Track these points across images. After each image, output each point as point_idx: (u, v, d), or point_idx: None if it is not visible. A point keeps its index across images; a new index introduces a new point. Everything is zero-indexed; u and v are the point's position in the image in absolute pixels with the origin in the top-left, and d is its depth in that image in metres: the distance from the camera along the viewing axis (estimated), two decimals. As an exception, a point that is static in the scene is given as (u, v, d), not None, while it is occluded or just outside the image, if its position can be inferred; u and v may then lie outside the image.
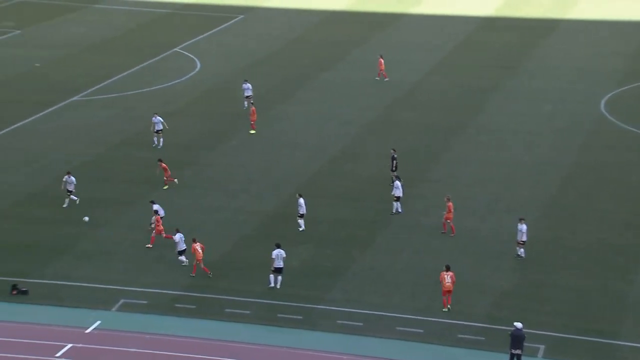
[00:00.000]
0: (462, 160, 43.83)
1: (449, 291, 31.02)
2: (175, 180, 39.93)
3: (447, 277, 31.01)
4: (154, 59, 59.56)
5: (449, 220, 36.18)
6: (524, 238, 33.94)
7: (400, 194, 37.73)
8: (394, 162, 40.36)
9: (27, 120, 47.99)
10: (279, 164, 43.39)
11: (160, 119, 44.61)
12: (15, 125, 47.26)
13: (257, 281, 32.88)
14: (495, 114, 50.29)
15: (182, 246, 33.71)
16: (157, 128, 44.28)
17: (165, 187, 39.53)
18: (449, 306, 31.03)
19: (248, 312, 31.03)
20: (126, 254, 34.73)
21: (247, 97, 49.62)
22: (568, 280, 33.02)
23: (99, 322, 30.21)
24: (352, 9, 73.84)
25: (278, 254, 32.23)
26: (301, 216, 36.42)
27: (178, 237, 33.70)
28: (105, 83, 54.63)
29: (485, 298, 31.86)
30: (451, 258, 34.44)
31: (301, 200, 36.40)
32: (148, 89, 53.58)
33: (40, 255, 34.38)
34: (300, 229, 36.33)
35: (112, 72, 56.56)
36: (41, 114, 49.11)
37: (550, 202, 39.17)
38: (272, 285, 32.24)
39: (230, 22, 69.55)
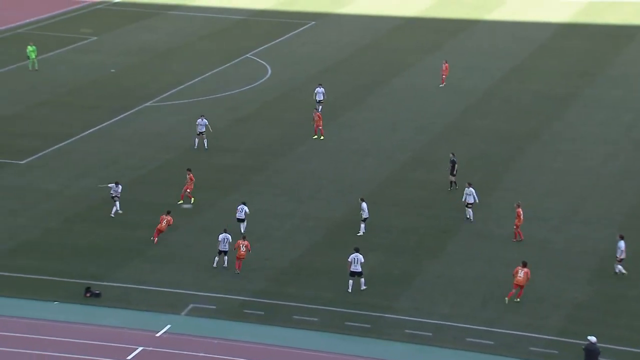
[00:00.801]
0: (537, 169, 43.14)
1: (519, 285, 31.16)
2: (192, 200, 38.63)
3: (521, 272, 31.33)
4: (225, 65, 60.43)
5: (516, 227, 35.78)
6: (623, 255, 33.04)
7: (472, 201, 37.30)
8: (454, 166, 40.20)
9: (102, 125, 49.21)
10: (348, 170, 43.47)
11: (206, 121, 45.36)
12: (91, 130, 48.54)
13: (326, 288, 32.98)
14: (573, 122, 49.37)
15: (224, 247, 33.80)
16: (199, 130, 44.97)
17: (180, 202, 38.71)
18: (515, 299, 31.12)
19: (316, 319, 31.14)
20: (196, 259, 35.26)
21: (319, 101, 49.87)
22: (647, 295, 32.14)
23: (169, 326, 30.73)
24: (425, 16, 73.54)
25: (355, 257, 32.40)
26: (364, 220, 36.55)
27: (221, 237, 33.89)
28: (178, 89, 55.66)
29: (559, 310, 31.27)
30: (524, 269, 33.93)
31: (364, 205, 36.59)
32: (219, 95, 54.38)
33: (113, 259, 35.19)
34: (359, 234, 36.43)
35: (184, 78, 57.60)
36: (116, 119, 50.26)
37: (630, 213, 38.20)
38: (350, 289, 32.44)
39: (302, 28, 70.08)
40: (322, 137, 46.86)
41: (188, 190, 39.06)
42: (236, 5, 77.03)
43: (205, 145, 45.21)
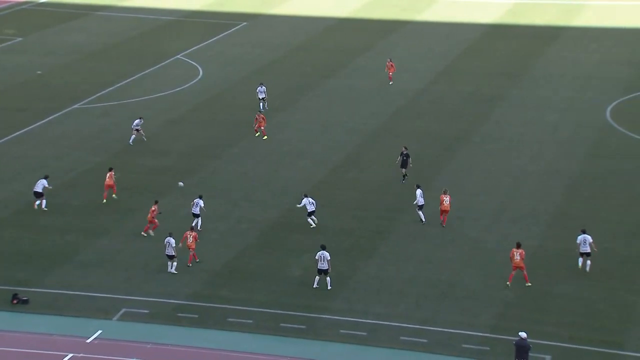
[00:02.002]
0: (467, 170, 43.87)
1: (519, 267, 32.67)
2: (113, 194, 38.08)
3: (517, 255, 32.55)
4: (156, 67, 59.74)
5: (445, 213, 37.22)
6: (588, 249, 33.73)
7: (423, 202, 37.75)
8: (403, 158, 41.18)
9: (29, 128, 48.08)
10: (281, 172, 43.47)
11: (139, 121, 45.58)
12: (17, 133, 47.39)
13: (260, 290, 32.91)
14: (500, 122, 50.34)
15: (170, 251, 33.62)
16: (134, 127, 45.21)
17: (104, 201, 38.80)
18: (526, 285, 32.48)
19: (251, 321, 31.05)
20: (128, 263, 34.77)
21: (262, 99, 50.31)
22: (574, 290, 33.00)
23: (100, 332, 30.23)
24: (356, 16, 74.04)
25: (321, 255, 32.64)
26: (310, 214, 37.14)
27: (166, 240, 33.70)
28: (107, 90, 54.77)
29: (490, 308, 31.86)
30: (455, 268, 34.51)
31: (306, 200, 37.22)
32: (150, 97, 53.70)
33: (41, 264, 34.43)
34: (312, 227, 37.09)
35: (114, 79, 56.73)
36: (43, 121, 49.17)
37: (556, 211, 39.17)
38: (316, 286, 32.65)
39: (233, 29, 69.76)
40: (264, 137, 46.59)
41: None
42: (166, 6, 76.22)
43: (131, 140, 45.33)
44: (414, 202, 37.93)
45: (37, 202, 38.68)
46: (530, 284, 32.89)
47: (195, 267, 34.38)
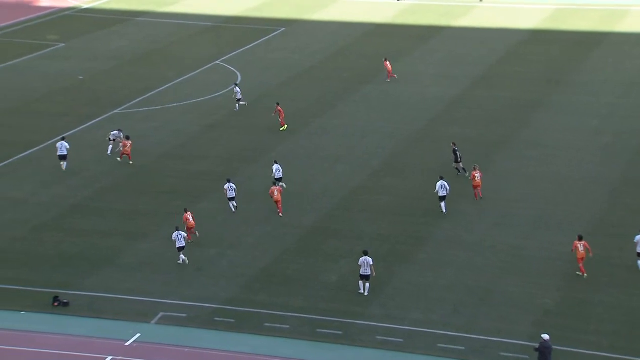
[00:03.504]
0: (506, 176, 43.43)
1: (582, 258, 33.24)
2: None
3: (580, 246, 33.19)
4: (195, 72, 60.17)
5: (477, 188, 39.40)
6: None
7: (445, 193, 38.26)
8: (457, 155, 42.42)
9: (70, 132, 48.66)
10: (319, 177, 43.45)
11: (117, 133, 45.54)
12: (59, 137, 47.93)
13: (297, 295, 32.89)
14: (541, 128, 49.79)
15: (182, 243, 34.52)
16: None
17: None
18: (585, 274, 33.21)
19: (287, 326, 31.03)
20: (166, 267, 34.99)
21: (238, 100, 51.51)
22: (615, 299, 32.46)
23: (138, 335, 30.43)
24: (394, 22, 73.88)
25: (364, 261, 32.62)
26: (278, 180, 40.07)
27: (174, 235, 34.64)
28: (147, 95, 55.29)
29: (529, 316, 31.47)
30: (494, 275, 34.17)
31: (276, 166, 40.31)
32: (189, 101, 54.09)
33: (82, 267, 34.80)
34: (284, 187, 40.23)
35: (154, 84, 57.25)
36: (84, 126, 49.76)
37: (598, 219, 38.59)
38: (361, 291, 32.65)
39: (271, 34, 70.03)
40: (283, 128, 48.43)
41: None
42: (205, 12, 76.79)
43: (109, 150, 45.32)
44: (435, 192, 38.53)
45: (64, 165, 42.48)
46: (585, 275, 33.37)
47: (232, 271, 34.47)
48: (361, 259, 32.90)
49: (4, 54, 63.46)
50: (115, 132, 46.08)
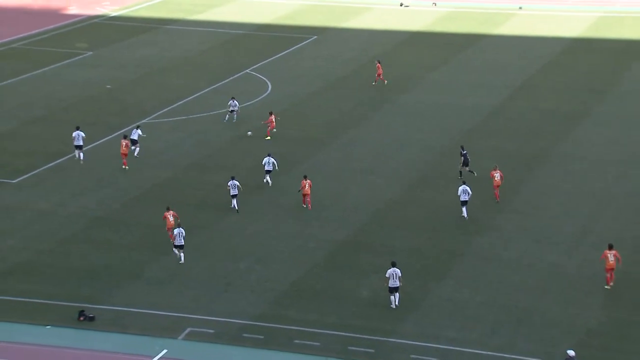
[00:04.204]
0: (546, 191, 43.12)
1: (612, 269, 33.26)
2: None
3: (610, 256, 33.06)
4: (224, 81, 60.64)
5: (497, 188, 40.50)
6: None
7: (467, 198, 38.63)
8: (465, 158, 43.02)
9: (97, 143, 49.25)
10: (352, 190, 43.48)
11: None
12: (87, 147, 48.49)
13: (328, 311, 32.89)
14: (582, 141, 49.39)
15: (180, 241, 35.80)
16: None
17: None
18: (611, 284, 33.34)
19: (318, 343, 31.04)
20: (194, 281, 35.21)
21: (231, 111, 52.16)
22: (661, 320, 32.03)
23: (165, 351, 30.62)
24: (430, 30, 73.84)
25: (393, 272, 32.70)
26: (268, 172, 42.64)
27: (176, 231, 35.72)
28: (176, 105, 55.80)
29: (570, 337, 31.15)
30: (533, 293, 33.90)
31: (269, 159, 42.80)
32: (218, 111, 54.49)
33: (108, 281, 35.13)
34: (269, 185, 42.72)
35: (183, 94, 57.77)
36: (111, 136, 50.30)
37: (642, 235, 38.15)
38: (392, 305, 32.80)
39: (303, 43, 70.36)
40: (267, 138, 49.31)
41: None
42: (236, 20, 77.39)
43: (136, 153, 47.04)
44: (458, 194, 39.27)
45: (78, 154, 45.72)
46: (609, 287, 33.03)
47: (261, 286, 34.60)
48: (389, 270, 32.94)
49: (31, 62, 64.45)
50: (136, 131, 47.68)
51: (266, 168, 43.01)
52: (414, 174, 45.28)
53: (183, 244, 36.01)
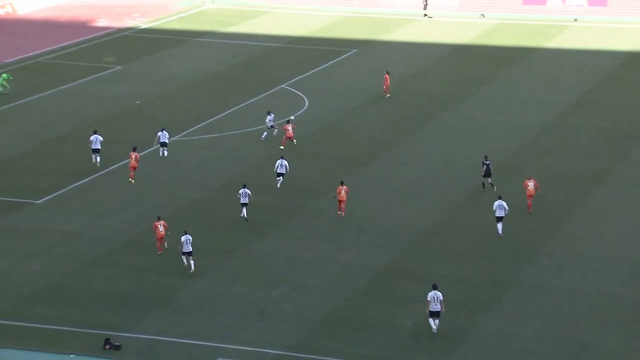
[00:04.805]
0: (603, 215, 42.67)
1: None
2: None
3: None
4: (259, 97, 61.05)
5: (530, 198, 41.28)
6: None
7: (503, 214, 39.20)
8: (488, 168, 44.18)
9: (126, 161, 49.78)
10: (393, 212, 43.41)
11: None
12: (114, 166, 49.09)
13: (367, 342, 32.80)
14: (642, 161, 48.87)
15: (187, 248, 37.43)
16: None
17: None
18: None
19: (357, 377, 30.96)
20: (226, 308, 35.34)
21: (270, 127, 53.01)
22: None
23: (195, 382, 30.74)
24: (477, 43, 73.72)
25: (434, 296, 32.75)
26: (280, 175, 45.12)
27: (183, 238, 37.38)
28: (208, 122, 56.26)
29: (630, 373, 30.72)
30: (589, 326, 33.50)
31: (282, 161, 45.19)
32: (252, 128, 54.84)
33: (136, 308, 35.37)
34: (278, 186, 45.00)
35: (215, 110, 58.26)
36: (140, 154, 50.81)
37: None
38: (433, 329, 32.91)
39: (342, 56, 70.63)
40: (282, 147, 50.64)
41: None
42: (271, 32, 77.98)
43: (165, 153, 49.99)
44: (493, 209, 39.83)
45: (95, 158, 48.32)
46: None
47: (297, 315, 34.61)
48: (430, 293, 32.85)
49: (57, 77, 65.45)
50: (165, 133, 50.25)
51: (278, 171, 45.27)
52: (458, 195, 45.10)
53: (191, 250, 37.46)
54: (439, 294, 32.83)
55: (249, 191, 42.01)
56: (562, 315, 34.34)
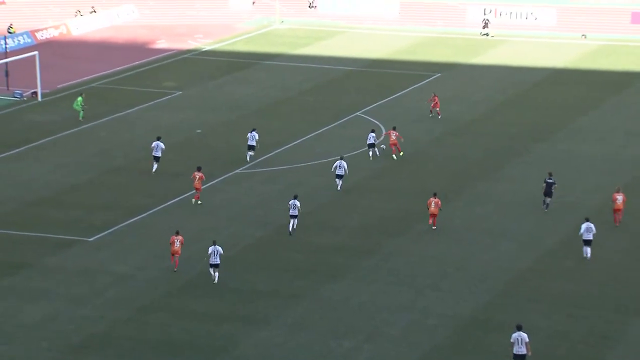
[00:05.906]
0: None
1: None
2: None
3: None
4: (331, 125, 61.32)
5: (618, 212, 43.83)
6: None
7: (592, 237, 40.94)
8: (550, 187, 45.97)
9: (185, 195, 50.34)
10: (480, 255, 42.95)
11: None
12: (173, 201, 49.65)
13: (449, 403, 32.31)
14: None
15: (215, 260, 39.79)
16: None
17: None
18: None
19: None
20: (289, 360, 35.29)
21: (370, 145, 54.11)
22: None
23: None
24: (578, 67, 72.92)
25: (518, 337, 32.90)
26: (339, 177, 48.01)
27: (211, 249, 39.86)
28: (273, 153, 56.67)
29: None
30: None
31: (341, 162, 48.25)
32: (322, 160, 55.01)
33: (192, 357, 35.42)
34: (339, 189, 48.16)
35: (283, 139, 58.69)
36: (203, 187, 51.33)
37: None
38: None
39: (425, 81, 70.59)
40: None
41: None
42: (346, 55, 78.47)
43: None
44: (580, 233, 41.37)
45: (155, 167, 51.87)
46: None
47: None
48: (514, 334, 32.60)
49: (112, 104, 66.78)
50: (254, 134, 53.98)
51: (337, 172, 47.94)
52: (554, 238, 44.37)
53: (219, 262, 39.60)
54: (524, 335, 32.51)
55: (298, 203, 43.38)
56: (673, 376, 33.36)
